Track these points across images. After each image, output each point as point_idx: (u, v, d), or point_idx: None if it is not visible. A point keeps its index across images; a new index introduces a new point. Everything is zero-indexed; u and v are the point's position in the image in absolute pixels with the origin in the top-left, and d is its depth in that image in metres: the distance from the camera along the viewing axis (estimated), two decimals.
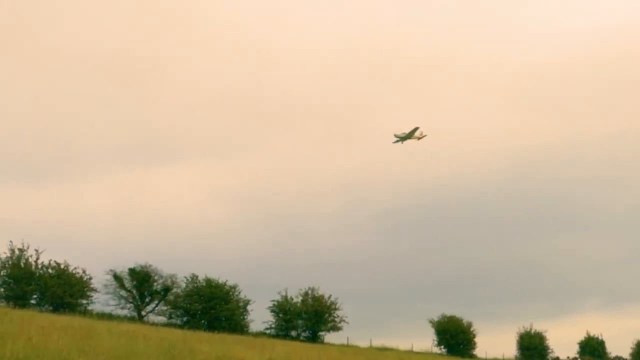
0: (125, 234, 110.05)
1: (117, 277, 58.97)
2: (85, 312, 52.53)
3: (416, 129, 67.64)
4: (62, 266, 55.05)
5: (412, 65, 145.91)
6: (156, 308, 60.71)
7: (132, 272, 59.66)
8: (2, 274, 53.16)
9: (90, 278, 56.37)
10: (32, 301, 53.52)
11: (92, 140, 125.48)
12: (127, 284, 59.52)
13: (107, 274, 58.80)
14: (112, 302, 58.50)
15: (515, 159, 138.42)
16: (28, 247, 54.38)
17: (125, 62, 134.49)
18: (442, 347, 76.55)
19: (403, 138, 68.53)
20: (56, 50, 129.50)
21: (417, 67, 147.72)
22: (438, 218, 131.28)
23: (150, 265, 60.36)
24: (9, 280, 52.92)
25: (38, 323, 30.30)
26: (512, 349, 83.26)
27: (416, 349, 70.83)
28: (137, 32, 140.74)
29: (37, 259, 54.44)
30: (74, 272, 55.31)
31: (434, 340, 76.73)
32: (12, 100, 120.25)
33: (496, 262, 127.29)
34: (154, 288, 60.40)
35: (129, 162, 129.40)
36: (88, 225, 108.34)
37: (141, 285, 59.62)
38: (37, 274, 53.79)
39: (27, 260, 53.99)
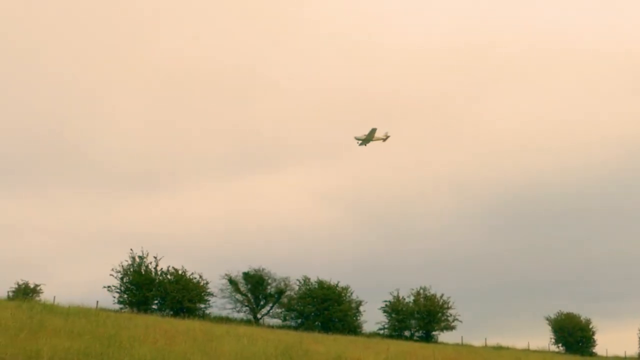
0: (237, 239, 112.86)
1: (232, 281, 60.72)
2: (204, 316, 54.24)
3: (374, 130, 64.91)
4: (180, 272, 57.00)
5: (516, 58, 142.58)
6: (271, 310, 61.99)
7: (246, 276, 61.21)
8: (124, 280, 55.61)
9: (207, 283, 58.16)
10: (154, 306, 55.67)
11: (201, 151, 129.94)
12: (242, 287, 61.16)
13: (223, 278, 60.88)
14: (229, 306, 60.45)
15: (627, 149, 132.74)
16: (147, 255, 56.76)
17: (227, 73, 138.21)
18: (560, 345, 74.16)
19: (364, 140, 65.75)
20: (161, 67, 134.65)
21: (520, 59, 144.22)
22: (550, 213, 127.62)
23: (263, 269, 61.87)
24: (132, 287, 55.26)
25: (161, 327, 31.52)
26: (634, 347, 79.50)
27: (533, 347, 68.95)
28: (237, 42, 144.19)
29: (157, 265, 56.65)
30: (191, 277, 57.13)
31: (551, 338, 74.49)
32: (125, 117, 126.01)
33: (615, 257, 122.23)
34: (268, 291, 61.70)
35: (237, 169, 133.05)
36: (201, 232, 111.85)
37: (255, 288, 61.06)
38: (157, 280, 55.88)
39: (147, 267, 56.26)
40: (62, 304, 39.53)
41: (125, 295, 55.17)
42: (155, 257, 56.72)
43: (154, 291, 55.20)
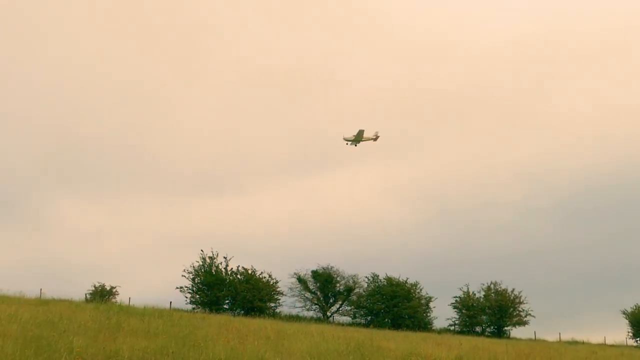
0: (305, 238, 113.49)
1: (301, 280, 61.09)
2: (274, 315, 54.68)
3: (361, 131, 64.35)
4: (249, 271, 57.69)
5: (591, 46, 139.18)
6: (340, 308, 62.06)
7: (315, 274, 61.47)
8: (196, 281, 56.65)
9: (277, 282, 58.61)
10: (225, 306, 56.48)
11: (267, 151, 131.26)
12: (311, 286, 61.42)
13: (292, 277, 61.33)
14: (299, 304, 60.76)
15: None
16: (217, 255, 57.72)
17: (291, 73, 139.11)
18: (638, 339, 71.84)
19: (353, 141, 65.29)
20: (231, 73, 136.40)
21: (596, 46, 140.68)
22: (621, 203, 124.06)
23: (332, 267, 62.02)
24: (203, 287, 56.22)
25: (233, 326, 32.01)
26: None
27: (609, 341, 67.00)
28: (302, 41, 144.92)
29: (227, 266, 57.52)
30: (261, 276, 57.70)
31: (628, 332, 72.22)
32: (194, 123, 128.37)
33: None
34: (337, 289, 61.78)
35: (303, 169, 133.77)
36: (269, 232, 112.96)
37: (324, 286, 61.23)
38: (228, 280, 56.69)
39: (217, 267, 57.16)
40: (137, 305, 40.59)
41: (197, 296, 56.16)
42: (225, 258, 57.71)
43: (225, 291, 56.04)
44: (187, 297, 56.15)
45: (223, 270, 57.20)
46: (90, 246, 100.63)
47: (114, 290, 56.53)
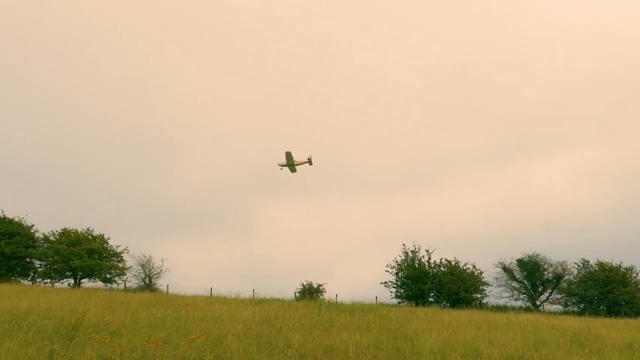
0: (506, 227, 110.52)
1: (506, 269, 59.57)
2: (481, 306, 53.79)
3: (289, 153, 58.68)
4: (453, 263, 57.29)
5: None
6: (550, 297, 59.72)
7: (521, 262, 59.71)
8: (400, 275, 57.19)
9: (481, 272, 57.74)
10: (430, 299, 56.48)
11: (467, 142, 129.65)
12: (518, 275, 59.68)
13: (496, 267, 59.97)
14: (505, 294, 59.26)
15: None
16: (419, 249, 57.94)
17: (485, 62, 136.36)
18: None
19: (288, 165, 59.48)
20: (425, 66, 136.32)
21: None
22: None
23: (537, 255, 59.87)
24: (407, 281, 56.63)
25: (442, 319, 31.84)
26: None
27: None
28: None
29: (429, 259, 57.57)
30: (464, 268, 57.09)
31: None
32: (390, 119, 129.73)
33: None
34: (545, 277, 59.53)
35: (498, 158, 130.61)
36: (469, 223, 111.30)
37: (531, 275, 59.26)
38: (431, 273, 56.66)
39: (420, 260, 57.36)
40: (345, 301, 41.61)
41: (402, 290, 56.67)
42: (427, 251, 57.89)
43: (429, 284, 56.03)
44: (392, 292, 57.05)
45: (426, 263, 57.33)
46: (297, 247, 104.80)
47: (321, 288, 58.30)
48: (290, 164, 58.62)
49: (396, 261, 57.59)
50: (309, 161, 58.96)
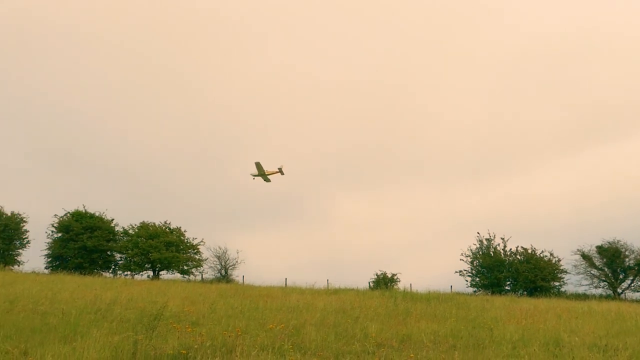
0: (583, 214, 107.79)
1: (585, 257, 58.04)
2: (560, 294, 52.72)
3: (258, 163, 58.34)
4: (529, 251, 56.30)
5: None
6: (632, 284, 57.93)
7: (600, 249, 58.06)
8: (475, 264, 56.56)
9: (559, 260, 56.58)
10: (507, 287, 55.70)
11: (538, 129, 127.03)
12: (597, 262, 58.07)
13: (575, 254, 58.49)
14: (585, 282, 57.77)
15: None
16: (494, 237, 57.17)
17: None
18: None
19: (260, 175, 59.09)
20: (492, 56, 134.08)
21: None
22: None
23: (618, 241, 58.09)
24: (482, 270, 55.95)
25: (520, 307, 31.34)
26: None
27: None
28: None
29: (505, 247, 56.76)
30: (541, 255, 56.05)
31: None
32: (466, 101, 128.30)
33: None
34: (627, 264, 57.73)
35: (576, 143, 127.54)
36: (545, 210, 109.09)
37: (612, 262, 57.53)
38: (507, 261, 55.84)
39: (495, 249, 56.59)
40: (420, 291, 41.38)
41: (477, 279, 56.06)
42: (502, 239, 57.11)
43: (505, 272, 55.23)
44: (467, 281, 56.59)
45: (501, 251, 56.53)
46: (370, 237, 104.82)
47: (395, 277, 58.18)
48: (262, 174, 59.02)
49: (471, 250, 57.06)
50: (280, 171, 59.31)
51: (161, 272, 57.01)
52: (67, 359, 13.73)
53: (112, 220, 59.90)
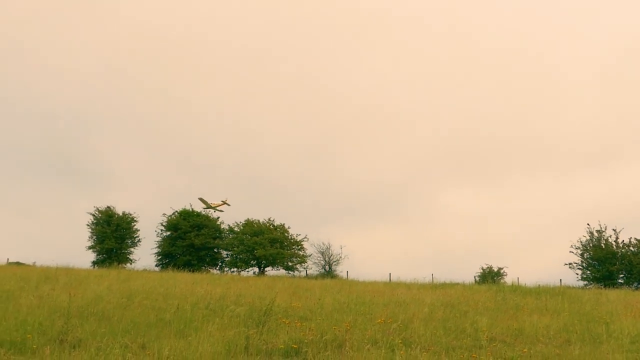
0: None
1: None
2: None
3: (201, 198, 61.56)
4: None
5: None
6: None
7: None
8: (585, 257, 54.69)
9: None
10: (620, 280, 53.60)
11: None
12: None
13: None
14: None
15: None
16: (605, 228, 55.11)
17: None
18: None
19: (207, 208, 61.61)
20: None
21: None
22: None
23: None
24: (593, 262, 54.05)
25: (637, 300, 30.08)
26: None
27: None
28: None
29: (617, 238, 54.60)
30: None
31: None
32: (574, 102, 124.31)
33: None
34: None
35: None
36: None
37: None
38: (620, 253, 53.72)
39: (606, 240, 54.55)
40: (528, 285, 40.30)
41: (588, 272, 54.23)
42: (614, 230, 54.92)
43: (618, 265, 53.10)
44: (577, 274, 54.80)
45: (613, 243, 54.39)
46: (475, 231, 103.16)
47: (501, 271, 57.09)
48: (208, 207, 61.52)
49: (581, 242, 55.16)
50: (225, 203, 62.21)
51: (266, 269, 58.03)
52: (182, 353, 14.12)
53: (218, 218, 61.52)
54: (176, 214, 60.23)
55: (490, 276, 53.96)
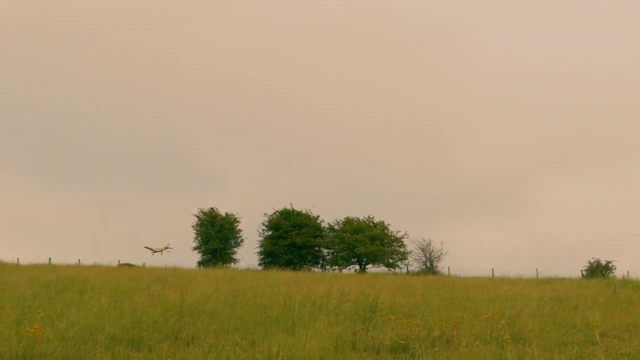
0: None
1: None
2: None
3: (146, 247, 59.91)
4: None
5: None
6: None
7: None
8: None
9: None
10: None
11: None
12: None
13: None
14: None
15: None
16: None
17: None
18: None
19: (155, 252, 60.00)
20: None
21: None
22: None
23: None
24: None
25: None
26: None
27: None
28: None
29: None
30: None
31: None
32: None
33: None
34: None
35: None
36: None
37: None
38: None
39: None
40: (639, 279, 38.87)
41: None
42: None
43: None
44: None
45: None
46: (580, 224, 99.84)
47: (610, 265, 55.15)
48: (154, 252, 61.64)
49: None
50: (167, 247, 61.42)
51: (367, 266, 58.19)
52: (291, 350, 14.38)
53: (318, 217, 62.12)
54: (277, 213, 61.22)
55: (598, 270, 52.24)
